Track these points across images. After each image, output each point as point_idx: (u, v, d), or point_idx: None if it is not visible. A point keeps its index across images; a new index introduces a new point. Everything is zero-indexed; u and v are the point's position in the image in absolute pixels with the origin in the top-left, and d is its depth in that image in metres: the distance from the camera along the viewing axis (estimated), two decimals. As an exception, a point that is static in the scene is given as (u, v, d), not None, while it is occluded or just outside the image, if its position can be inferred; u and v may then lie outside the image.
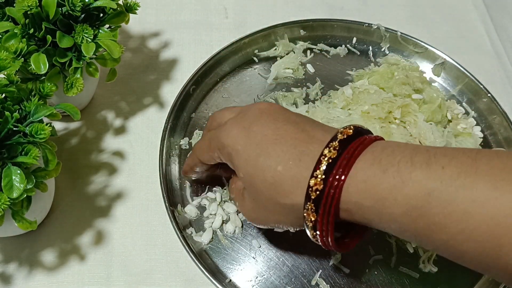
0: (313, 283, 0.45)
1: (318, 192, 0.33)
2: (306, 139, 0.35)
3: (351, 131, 0.34)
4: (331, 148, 0.33)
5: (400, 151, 0.32)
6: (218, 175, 0.49)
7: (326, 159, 0.33)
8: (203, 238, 0.46)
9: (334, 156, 0.33)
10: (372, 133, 0.36)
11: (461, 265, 0.47)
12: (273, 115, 0.38)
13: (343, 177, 0.32)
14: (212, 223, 0.47)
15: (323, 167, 0.33)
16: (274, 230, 0.40)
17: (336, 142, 0.33)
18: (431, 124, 0.50)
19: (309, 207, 0.33)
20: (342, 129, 0.35)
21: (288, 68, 0.59)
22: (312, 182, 0.33)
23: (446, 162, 0.30)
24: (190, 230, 0.47)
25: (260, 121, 0.37)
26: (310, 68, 0.59)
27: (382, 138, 0.35)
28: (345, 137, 0.34)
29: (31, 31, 0.43)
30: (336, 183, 0.32)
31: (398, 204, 0.31)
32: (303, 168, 0.34)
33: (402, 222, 0.31)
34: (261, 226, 0.41)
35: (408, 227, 0.31)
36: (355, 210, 0.33)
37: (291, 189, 0.34)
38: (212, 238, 0.47)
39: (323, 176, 0.32)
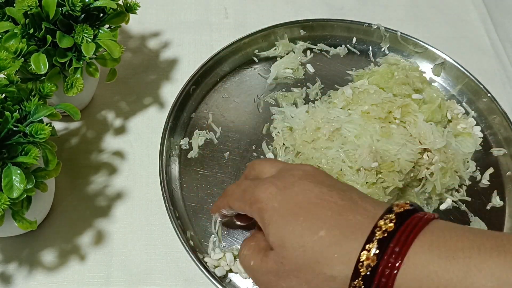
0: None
1: (370, 269, 0.29)
2: (354, 208, 0.32)
3: (408, 205, 0.31)
4: (387, 220, 0.30)
5: (465, 235, 0.29)
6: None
7: (381, 231, 0.29)
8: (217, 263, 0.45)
9: (391, 229, 0.29)
10: (424, 211, 0.32)
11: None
12: (318, 178, 0.35)
13: (400, 257, 0.28)
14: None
15: (378, 240, 0.29)
16: None
17: (393, 214, 0.30)
18: (431, 124, 0.50)
19: (357, 284, 0.29)
20: (397, 203, 0.32)
21: (288, 68, 0.59)
22: (363, 256, 0.29)
23: None
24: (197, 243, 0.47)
25: (303, 182, 0.35)
26: (310, 68, 0.59)
27: (439, 217, 0.32)
28: (402, 210, 0.30)
29: (31, 31, 0.43)
30: (392, 262, 0.28)
31: None
32: (351, 239, 0.30)
33: None
34: None
35: None
36: None
37: (334, 258, 0.30)
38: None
39: (377, 251, 0.29)
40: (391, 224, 0.29)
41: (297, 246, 0.32)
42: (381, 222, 0.30)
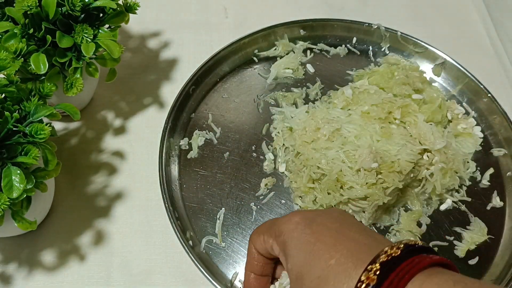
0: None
1: None
2: (370, 242, 0.31)
3: (398, 250, 0.29)
4: (371, 273, 0.28)
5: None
6: None
7: (363, 286, 0.28)
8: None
9: (374, 283, 0.28)
10: (431, 250, 0.30)
11: (460, 265, 0.47)
12: (341, 217, 0.35)
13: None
14: None
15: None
16: None
17: (377, 264, 0.28)
18: (431, 124, 0.50)
19: None
20: (391, 246, 0.30)
21: (288, 68, 0.59)
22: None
23: None
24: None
25: (326, 216, 0.35)
26: (310, 68, 0.59)
27: (442, 260, 0.30)
28: (389, 258, 0.28)
29: (31, 31, 0.43)
30: None
31: None
32: (351, 267, 0.30)
33: None
34: None
35: None
36: None
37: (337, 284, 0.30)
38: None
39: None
40: (374, 277, 0.28)
41: (309, 275, 0.32)
42: (363, 276, 0.28)
